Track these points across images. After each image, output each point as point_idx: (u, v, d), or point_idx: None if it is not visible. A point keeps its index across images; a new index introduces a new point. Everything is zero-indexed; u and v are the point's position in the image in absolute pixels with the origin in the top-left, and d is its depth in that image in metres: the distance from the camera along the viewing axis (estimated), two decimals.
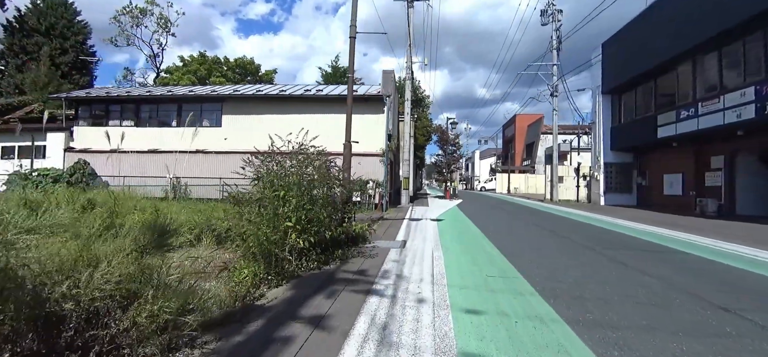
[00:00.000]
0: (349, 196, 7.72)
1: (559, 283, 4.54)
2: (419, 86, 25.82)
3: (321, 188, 6.26)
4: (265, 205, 5.50)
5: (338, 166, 7.21)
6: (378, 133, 14.51)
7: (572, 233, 9.19)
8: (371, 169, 14.48)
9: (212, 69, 24.40)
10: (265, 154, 6.43)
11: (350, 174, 8.49)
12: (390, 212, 14.05)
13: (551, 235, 8.85)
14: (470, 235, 8.69)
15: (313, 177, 6.15)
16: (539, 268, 5.29)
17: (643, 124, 18.79)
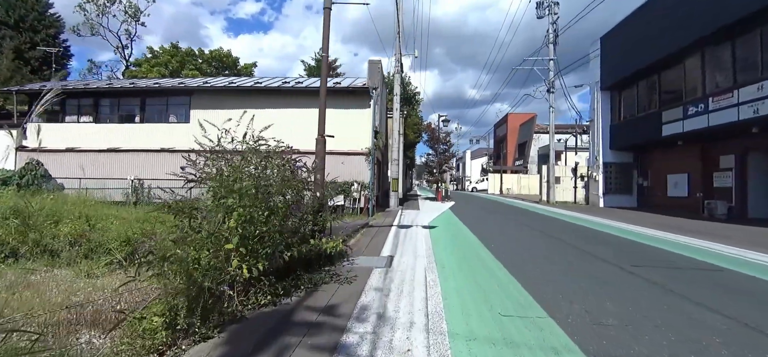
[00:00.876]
0: (323, 202, 6.30)
1: (604, 328, 3.22)
2: (409, 83, 24.55)
3: (283, 195, 4.86)
4: (202, 219, 4.11)
5: (309, 167, 5.81)
6: (363, 129, 13.13)
7: (586, 243, 7.93)
8: (356, 169, 13.11)
9: (185, 61, 22.67)
10: (212, 153, 4.99)
11: (325, 175, 7.02)
12: (377, 217, 12.68)
13: (563, 246, 7.58)
14: (468, 247, 7.36)
15: (271, 181, 4.75)
16: (568, 300, 3.97)
17: (646, 122, 17.76)
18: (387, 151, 17.94)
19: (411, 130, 21.53)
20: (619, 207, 19.76)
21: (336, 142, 13.33)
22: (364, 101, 13.10)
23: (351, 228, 9.82)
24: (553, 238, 8.60)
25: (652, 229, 10.25)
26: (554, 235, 9.05)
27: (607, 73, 20.35)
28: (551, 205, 20.74)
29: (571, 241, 8.15)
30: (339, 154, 13.18)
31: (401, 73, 17.47)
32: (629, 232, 9.67)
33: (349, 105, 13.19)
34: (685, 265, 6.08)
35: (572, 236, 8.96)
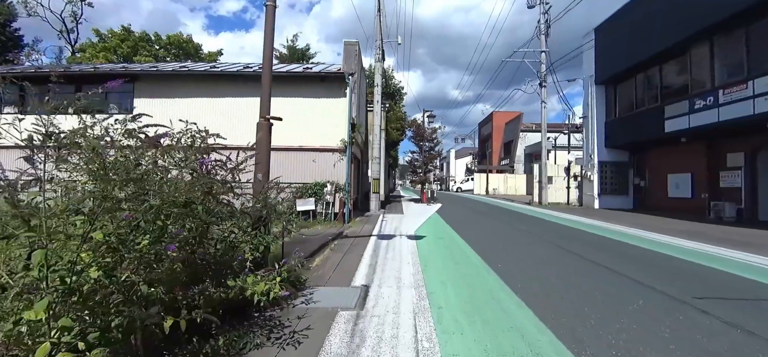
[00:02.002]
0: (263, 215, 4.39)
1: None
2: (393, 77, 22.80)
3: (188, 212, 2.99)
4: None
5: (235, 162, 3.93)
6: (338, 121, 11.26)
7: (612, 259, 6.29)
8: (330, 168, 11.24)
9: (138, 47, 20.11)
10: None
11: (268, 173, 5.07)
12: (354, 225, 10.83)
13: (585, 265, 5.91)
14: (468, 268, 5.61)
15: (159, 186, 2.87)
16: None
17: (646, 118, 16.52)
18: (367, 149, 16.10)
19: (394, 127, 19.76)
20: (614, 209, 18.52)
21: (306, 136, 11.44)
22: (339, 89, 11.25)
23: (320, 240, 7.95)
24: (570, 253, 6.95)
25: (667, 236, 8.81)
26: (565, 246, 7.42)
27: (602, 66, 19.10)
28: (544, 207, 19.35)
29: (591, 256, 6.51)
30: (309, 151, 11.30)
31: (383, 62, 15.68)
32: (650, 242, 8.15)
33: (322, 93, 11.32)
34: (753, 294, 4.49)
35: (588, 248, 7.34)
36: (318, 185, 11.05)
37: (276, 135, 10.92)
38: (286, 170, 11.32)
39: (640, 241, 8.39)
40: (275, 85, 11.58)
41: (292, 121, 11.21)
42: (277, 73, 11.44)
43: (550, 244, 7.90)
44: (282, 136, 11.42)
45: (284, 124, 10.78)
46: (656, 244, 7.98)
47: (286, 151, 11.34)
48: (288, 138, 11.37)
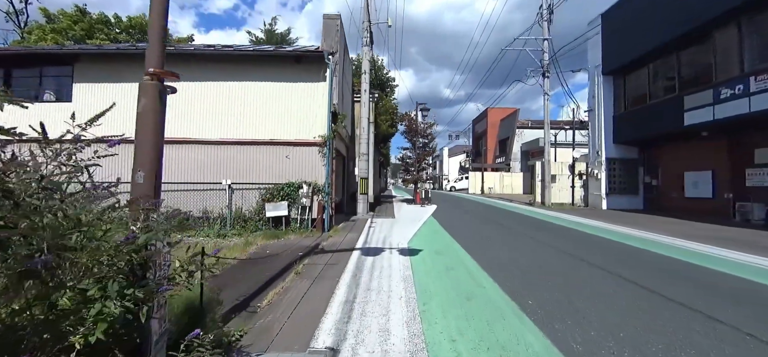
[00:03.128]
0: (150, 250, 2.42)
1: None
2: (383, 67, 21.01)
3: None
4: None
5: None
6: (317, 111, 9.47)
7: (660, 281, 4.61)
8: (307, 165, 9.44)
9: (94, 30, 17.88)
10: None
11: (159, 172, 3.11)
12: (335, 233, 9.06)
13: (642, 295, 4.20)
14: (487, 309, 3.86)
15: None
16: None
17: (660, 110, 15.01)
18: (354, 145, 14.31)
19: (384, 120, 18.01)
20: (623, 209, 17.04)
21: (278, 127, 9.61)
22: (318, 72, 9.44)
23: (286, 258, 6.17)
24: (619, 279, 5.26)
25: (701, 244, 7.18)
26: (599, 263, 5.74)
27: (610, 55, 17.57)
28: (547, 208, 17.77)
29: (650, 283, 4.83)
30: (282, 145, 9.48)
31: (371, 47, 13.89)
32: (689, 253, 6.51)
33: (297, 76, 9.51)
34: None
35: (638, 269, 5.67)
36: (292, 186, 9.24)
37: (241, 126, 9.07)
38: (254, 168, 9.50)
39: (679, 252, 6.75)
40: (241, 67, 9.76)
41: (261, 109, 9.39)
42: (243, 52, 9.60)
43: (575, 258, 6.21)
44: (248, 127, 9.60)
45: (252, 113, 8.95)
46: (698, 256, 6.35)
47: (254, 145, 9.51)
48: (256, 130, 9.54)
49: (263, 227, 9.10)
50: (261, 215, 9.14)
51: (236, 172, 9.47)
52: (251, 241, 7.66)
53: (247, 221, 9.15)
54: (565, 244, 7.68)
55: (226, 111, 9.58)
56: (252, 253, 6.78)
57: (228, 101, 9.60)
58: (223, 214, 9.33)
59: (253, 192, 9.38)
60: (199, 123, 9.60)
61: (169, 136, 9.31)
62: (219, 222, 9.26)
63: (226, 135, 9.52)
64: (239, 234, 8.79)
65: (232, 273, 5.31)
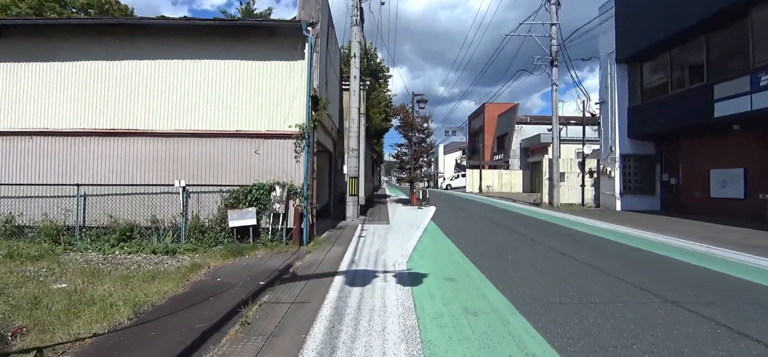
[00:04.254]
0: None
1: None
2: (375, 55, 19.24)
3: None
4: None
5: None
6: (293, 94, 7.68)
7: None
8: (281, 162, 7.65)
9: (43, 6, 15.68)
10: None
11: None
12: (314, 247, 7.30)
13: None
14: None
15: None
16: None
17: (685, 100, 13.47)
18: (343, 139, 12.52)
19: (377, 113, 16.25)
20: (640, 211, 15.52)
21: (246, 116, 7.80)
22: (294, 48, 7.64)
23: (236, 296, 4.42)
24: (725, 328, 3.60)
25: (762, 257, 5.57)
26: (689, 305, 4.09)
27: (625, 41, 16.00)
28: (556, 209, 16.18)
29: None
30: (250, 137, 7.68)
31: (361, 26, 12.11)
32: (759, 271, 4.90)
33: (270, 54, 7.71)
34: None
35: (737, 309, 4.02)
36: (262, 189, 7.45)
37: (200, 114, 7.27)
38: (215, 166, 7.69)
39: (745, 271, 5.12)
40: (200, 43, 7.82)
41: (226, 94, 7.60)
42: (203, 23, 7.76)
43: (639, 290, 4.53)
44: (209, 115, 7.77)
45: (213, 98, 7.12)
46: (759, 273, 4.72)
47: (215, 137, 7.70)
48: (218, 119, 7.73)
49: (226, 240, 7.31)
50: (223, 225, 7.35)
51: (193, 170, 7.66)
52: (201, 263, 5.87)
53: (206, 232, 7.35)
54: (607, 263, 6.00)
55: (181, 96, 7.76)
56: (194, 282, 5.00)
57: (184, 84, 7.77)
58: (177, 223, 7.52)
59: (213, 196, 7.57)
60: (148, 111, 7.76)
61: (108, 127, 7.43)
62: (171, 233, 7.45)
63: (180, 125, 7.70)
64: (194, 248, 6.99)
65: (135, 333, 3.54)
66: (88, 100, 7.83)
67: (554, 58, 16.97)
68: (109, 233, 7.39)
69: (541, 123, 35.87)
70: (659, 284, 4.77)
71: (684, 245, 7.53)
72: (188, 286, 4.85)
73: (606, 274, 5.28)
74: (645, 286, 4.69)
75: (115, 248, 7.07)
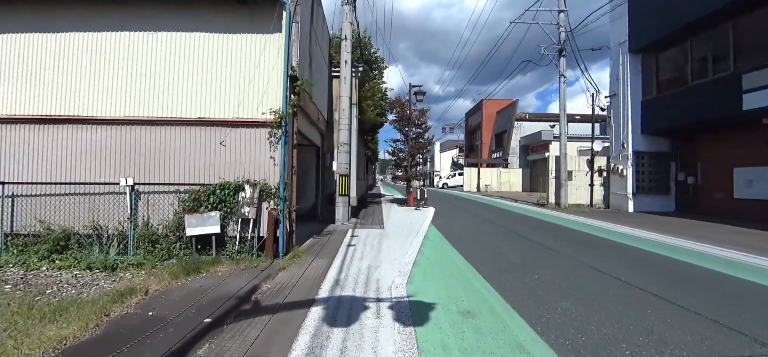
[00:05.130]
0: None
1: None
2: (370, 44, 17.89)
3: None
4: None
5: None
6: (268, 74, 6.31)
7: None
8: (252, 156, 6.30)
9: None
10: None
11: None
12: (292, 262, 5.97)
13: None
14: None
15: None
16: None
17: (707, 92, 12.31)
18: (332, 133, 11.16)
19: (370, 106, 14.93)
20: (654, 212, 14.38)
21: (209, 100, 6.41)
22: (268, 19, 6.28)
23: (171, 337, 3.03)
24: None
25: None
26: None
27: (640, 29, 14.82)
28: (564, 210, 14.99)
29: None
30: (215, 126, 6.31)
31: (353, 4, 10.75)
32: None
33: (239, 25, 6.36)
34: None
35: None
36: (227, 189, 6.08)
37: (153, 97, 5.83)
38: (171, 161, 6.31)
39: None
40: (155, 12, 6.44)
41: (185, 73, 6.24)
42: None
43: (728, 331, 3.27)
44: (164, 99, 6.39)
45: (170, 78, 5.57)
46: None
47: (171, 125, 6.31)
48: (175, 103, 6.35)
49: (183, 251, 5.94)
50: (181, 233, 5.98)
51: (145, 166, 6.27)
52: (138, 286, 4.51)
53: (158, 242, 5.97)
54: (665, 286, 4.74)
55: (132, 75, 6.36)
56: (115, 319, 3.63)
57: (136, 61, 6.38)
58: (125, 230, 6.14)
59: (169, 197, 6.19)
60: (88, 93, 6.36)
61: (42, 113, 5.89)
62: (116, 243, 6.06)
63: (131, 110, 6.31)
64: (141, 263, 5.62)
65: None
66: (16, 80, 6.40)
67: (563, 47, 15.74)
68: (40, 243, 5.99)
69: (541, 120, 34.77)
70: (708, 304, 3.50)
71: (747, 260, 6.29)
72: (104, 325, 3.49)
73: (674, 305, 4.01)
74: (748, 329, 3.42)
75: (44, 262, 5.67)
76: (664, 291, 4.40)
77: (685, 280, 4.97)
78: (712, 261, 6.08)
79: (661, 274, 5.19)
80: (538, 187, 30.92)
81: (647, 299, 4.12)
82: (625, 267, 5.58)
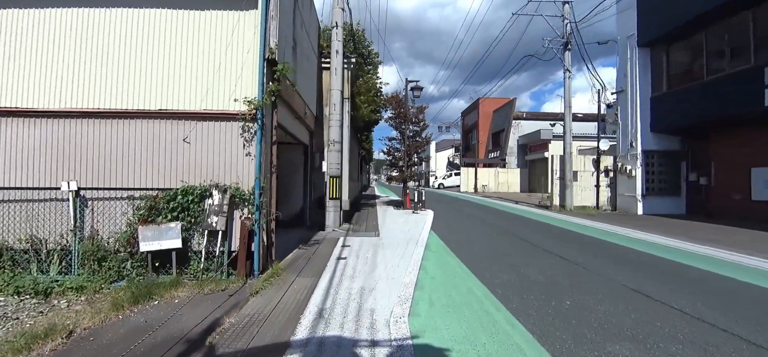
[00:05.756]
0: None
1: None
2: (364, 37, 16.92)
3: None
4: None
5: None
6: (241, 57, 5.29)
7: None
8: (221, 155, 5.29)
9: None
10: None
11: None
12: (269, 283, 4.97)
13: None
14: None
15: None
16: None
17: (724, 87, 11.50)
18: (322, 130, 10.14)
19: (364, 102, 13.94)
20: (664, 215, 13.60)
21: (168, 89, 5.34)
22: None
23: None
24: None
25: None
26: None
27: (649, 21, 14.00)
28: (570, 213, 14.13)
29: None
30: (176, 119, 5.28)
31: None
32: None
33: (206, 1, 5.35)
34: None
35: None
36: (192, 193, 5.06)
37: (104, 86, 4.74)
38: (124, 161, 5.27)
39: None
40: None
41: (142, 57, 5.21)
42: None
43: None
44: (117, 88, 5.33)
45: (123, 63, 4.58)
46: None
47: (125, 118, 5.27)
48: (130, 92, 5.31)
49: (136, 270, 4.91)
50: (135, 247, 4.95)
51: (93, 168, 5.24)
52: (61, 325, 3.48)
53: (106, 260, 4.93)
54: (746, 323, 3.82)
55: (80, 58, 5.32)
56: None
57: (84, 41, 5.33)
58: (69, 244, 5.09)
59: (121, 204, 5.16)
60: (25, 80, 5.31)
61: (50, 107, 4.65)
62: (58, 259, 5.02)
63: (76, 101, 5.27)
64: (84, 285, 4.59)
65: None
66: None
67: (568, 41, 14.87)
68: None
69: (539, 119, 34.02)
70: None
71: (759, 263, 5.41)
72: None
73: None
74: None
75: None
76: (750, 331, 3.48)
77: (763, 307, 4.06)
78: (762, 276, 5.19)
79: (728, 301, 4.27)
80: (536, 188, 30.14)
81: (734, 344, 3.18)
82: (675, 290, 4.66)
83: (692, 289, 4.60)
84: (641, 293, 4.44)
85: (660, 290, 4.55)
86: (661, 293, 4.42)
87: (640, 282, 4.90)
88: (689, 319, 3.64)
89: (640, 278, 5.10)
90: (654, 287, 4.67)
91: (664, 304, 4.07)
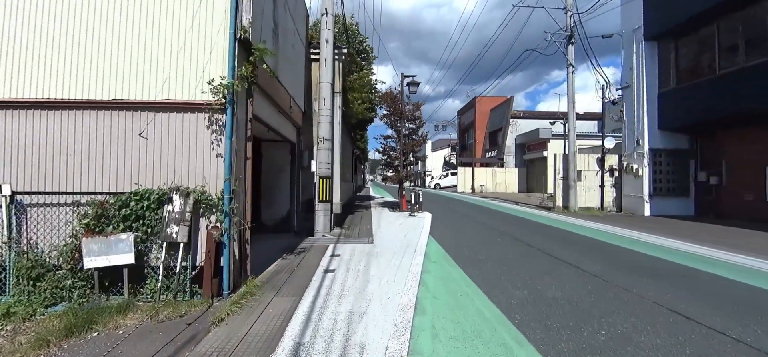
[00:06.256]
0: None
1: None
2: (357, 31, 16.13)
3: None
4: None
5: None
6: (208, 37, 4.47)
7: None
8: (186, 152, 4.51)
9: None
10: None
11: None
12: (238, 306, 4.20)
13: None
14: None
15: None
16: None
17: (737, 82, 10.89)
18: (312, 127, 9.34)
19: (357, 99, 13.14)
20: (672, 216, 12.98)
21: (123, 75, 4.43)
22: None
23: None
24: None
25: None
26: None
27: (657, 13, 13.37)
28: (574, 215, 13.45)
29: None
30: (132, 109, 4.47)
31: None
32: None
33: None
34: None
35: None
36: (148, 198, 4.27)
37: (47, 73, 4.07)
38: (70, 159, 4.45)
39: None
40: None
41: (92, 37, 4.41)
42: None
43: None
44: (62, 73, 4.50)
45: (70, 44, 3.97)
46: None
47: (71, 109, 4.46)
48: (78, 79, 4.49)
49: (78, 290, 4.10)
50: (79, 263, 4.14)
51: (32, 168, 4.41)
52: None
53: (41, 279, 4.11)
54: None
55: (18, 41, 4.49)
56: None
57: (15, 21, 4.51)
58: (2, 259, 4.27)
59: (65, 210, 4.34)
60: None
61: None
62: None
63: (15, 90, 4.45)
64: (14, 311, 3.78)
65: None
66: None
67: (571, 34, 14.19)
68: None
69: (537, 117, 33.42)
70: None
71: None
72: None
73: None
74: None
75: None
76: None
77: None
78: None
79: None
80: (535, 188, 29.53)
81: None
82: (733, 314, 3.94)
83: (754, 314, 3.88)
84: (682, 315, 3.71)
85: (703, 311, 3.82)
86: (710, 317, 3.70)
87: (677, 302, 4.18)
88: (760, 354, 2.91)
89: (677, 298, 4.38)
90: (699, 310, 3.94)
91: (720, 332, 3.34)
